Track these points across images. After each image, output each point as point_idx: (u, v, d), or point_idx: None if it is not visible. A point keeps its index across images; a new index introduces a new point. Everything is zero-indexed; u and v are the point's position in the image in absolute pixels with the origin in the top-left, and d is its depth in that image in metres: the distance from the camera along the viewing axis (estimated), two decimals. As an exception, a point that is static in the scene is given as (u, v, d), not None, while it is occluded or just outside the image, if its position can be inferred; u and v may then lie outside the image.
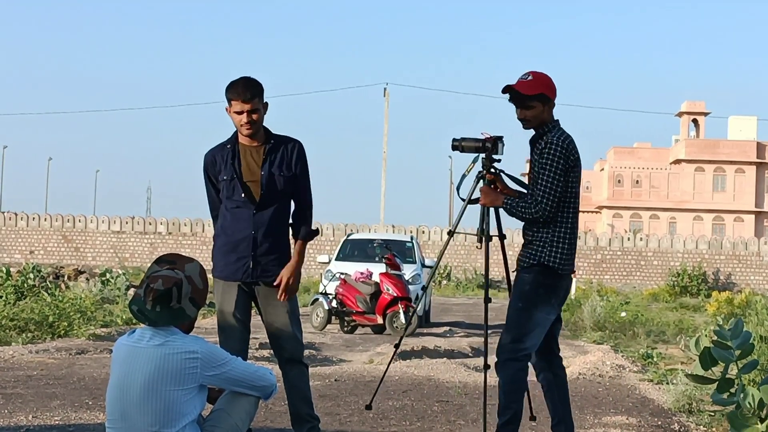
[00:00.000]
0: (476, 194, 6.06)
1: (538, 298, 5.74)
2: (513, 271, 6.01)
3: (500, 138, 6.03)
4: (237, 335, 5.87)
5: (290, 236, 6.02)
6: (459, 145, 6.08)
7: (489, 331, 6.43)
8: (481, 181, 6.01)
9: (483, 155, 6.01)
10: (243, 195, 5.85)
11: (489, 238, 6.08)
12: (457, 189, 6.12)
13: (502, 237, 6.07)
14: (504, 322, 5.91)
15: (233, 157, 5.89)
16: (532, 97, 5.70)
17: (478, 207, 6.11)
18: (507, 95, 5.77)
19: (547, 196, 5.64)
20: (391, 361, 7.42)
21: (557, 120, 5.83)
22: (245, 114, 5.78)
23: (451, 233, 6.29)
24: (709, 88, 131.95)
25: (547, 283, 5.74)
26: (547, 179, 5.64)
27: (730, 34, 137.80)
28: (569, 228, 5.76)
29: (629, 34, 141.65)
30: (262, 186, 5.86)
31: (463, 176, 6.07)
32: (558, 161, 5.65)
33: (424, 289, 6.83)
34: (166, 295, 4.37)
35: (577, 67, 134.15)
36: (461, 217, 6.38)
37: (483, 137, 6.01)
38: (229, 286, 5.89)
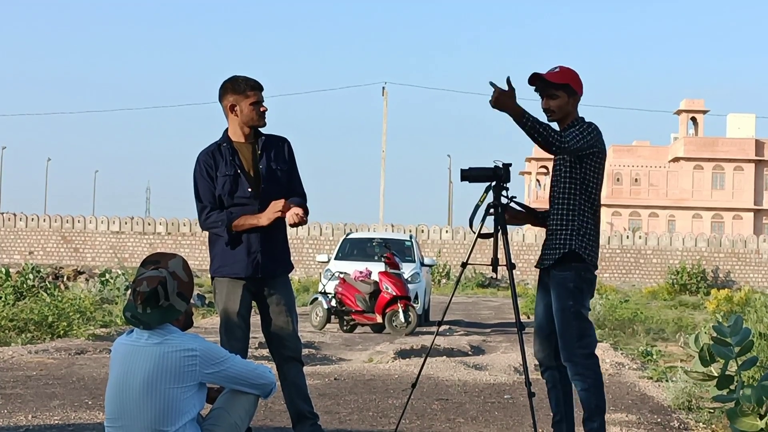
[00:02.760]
0: (488, 224, 6.02)
1: (583, 292, 5.74)
2: (538, 266, 5.97)
3: (509, 165, 6.01)
4: (240, 334, 5.89)
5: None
6: (469, 175, 5.99)
7: (489, 330, 6.41)
8: (492, 209, 5.98)
9: (494, 183, 5.96)
10: (250, 189, 5.86)
11: (513, 266, 5.98)
12: (470, 221, 5.97)
13: (511, 266, 5.99)
14: (501, 321, 5.90)
15: (233, 154, 5.90)
16: (558, 86, 5.70)
17: (490, 237, 6.07)
18: (533, 87, 5.78)
19: (574, 139, 5.55)
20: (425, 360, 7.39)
21: (582, 117, 5.82)
22: (262, 104, 5.89)
23: (464, 265, 6.26)
24: (708, 86, 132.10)
25: (588, 277, 5.75)
26: (578, 134, 5.60)
27: (728, 32, 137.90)
28: (592, 219, 5.74)
29: (627, 32, 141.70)
30: (263, 180, 5.89)
31: (477, 207, 5.96)
32: (590, 133, 5.64)
33: (440, 324, 6.80)
34: (153, 295, 4.37)
35: (575, 65, 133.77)
36: (473, 248, 6.38)
37: (494, 165, 5.97)
38: (235, 285, 5.89)
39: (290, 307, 5.97)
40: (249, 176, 5.89)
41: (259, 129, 5.98)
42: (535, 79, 5.77)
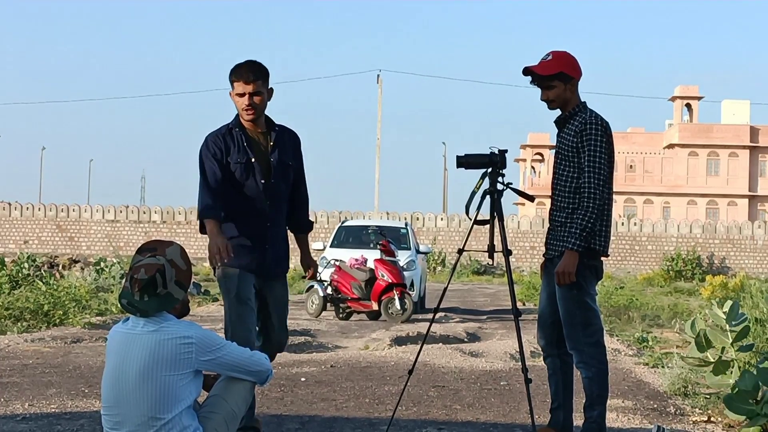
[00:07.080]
0: (484, 210, 6.02)
1: (588, 279, 5.69)
2: (545, 257, 5.91)
3: (505, 151, 6.00)
4: (251, 325, 5.69)
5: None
6: (465, 162, 5.98)
7: (485, 317, 6.40)
8: (488, 196, 5.97)
9: (490, 170, 5.95)
10: (263, 180, 5.65)
11: (509, 252, 5.98)
12: (467, 208, 5.97)
13: (507, 252, 5.98)
14: (497, 308, 5.88)
15: (247, 141, 5.66)
16: (551, 77, 5.67)
17: (486, 224, 6.05)
18: (528, 78, 5.74)
19: (596, 180, 5.53)
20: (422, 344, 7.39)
21: (584, 101, 5.77)
22: (247, 96, 5.58)
23: (460, 251, 6.26)
24: (702, 72, 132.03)
25: (591, 264, 5.68)
26: (592, 161, 5.55)
27: (723, 18, 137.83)
28: (605, 208, 5.65)
29: (622, 18, 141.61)
30: (273, 173, 5.68)
31: (473, 194, 5.96)
32: (601, 139, 5.58)
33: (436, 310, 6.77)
34: (151, 283, 4.34)
35: (569, 51, 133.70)
36: (469, 235, 6.40)
37: (489, 151, 5.96)
38: (246, 274, 5.69)
39: (284, 305, 5.89)
40: (261, 165, 5.65)
41: (272, 119, 5.76)
42: (529, 72, 5.76)
